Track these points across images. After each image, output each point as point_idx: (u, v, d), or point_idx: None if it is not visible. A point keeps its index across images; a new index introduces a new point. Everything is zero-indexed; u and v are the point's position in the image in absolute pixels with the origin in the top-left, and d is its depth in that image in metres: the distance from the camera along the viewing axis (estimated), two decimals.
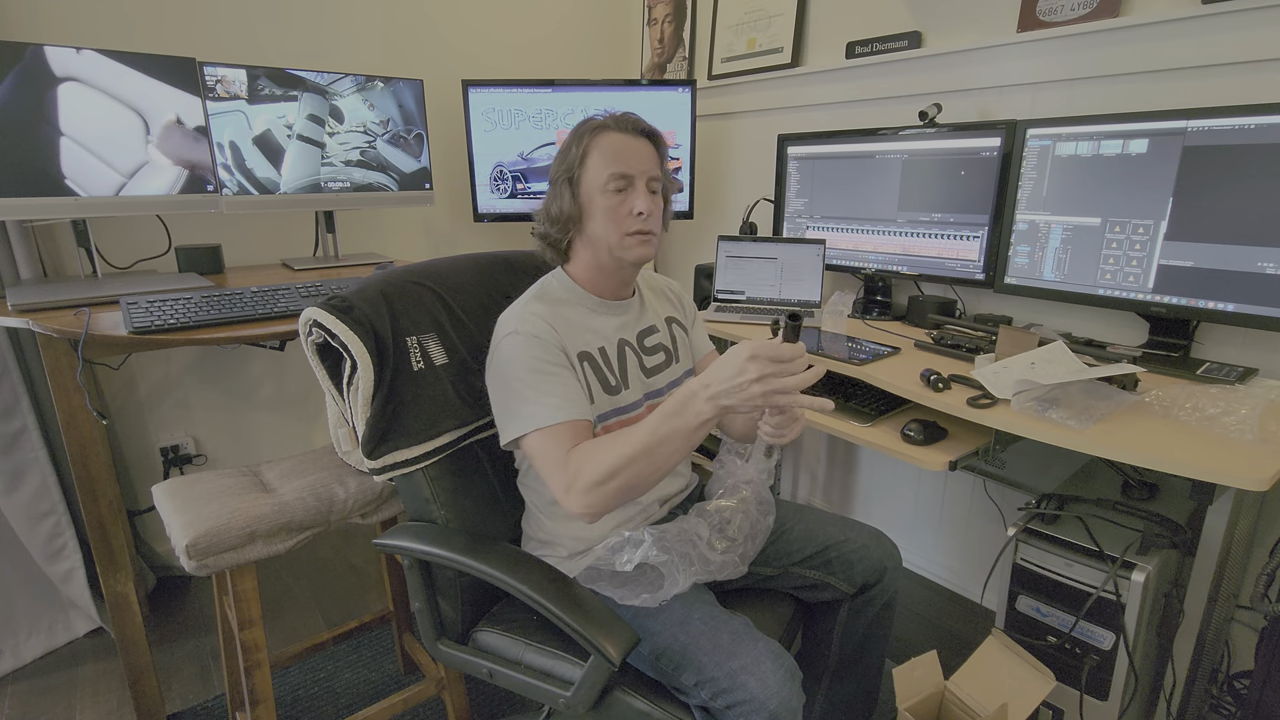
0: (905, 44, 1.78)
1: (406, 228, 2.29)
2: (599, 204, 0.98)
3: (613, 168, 0.97)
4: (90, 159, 1.51)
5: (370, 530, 1.29)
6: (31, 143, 1.44)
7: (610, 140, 0.99)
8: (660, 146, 1.03)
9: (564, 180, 1.00)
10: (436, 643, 1.05)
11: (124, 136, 1.55)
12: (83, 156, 1.50)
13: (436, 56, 2.23)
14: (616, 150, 0.98)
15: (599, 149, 0.99)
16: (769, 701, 0.83)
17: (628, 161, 0.98)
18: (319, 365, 1.01)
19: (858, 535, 1.13)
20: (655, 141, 1.03)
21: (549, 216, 1.03)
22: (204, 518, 1.09)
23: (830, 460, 2.25)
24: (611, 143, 0.99)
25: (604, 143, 0.99)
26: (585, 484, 0.87)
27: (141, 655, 1.42)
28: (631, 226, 0.98)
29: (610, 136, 0.99)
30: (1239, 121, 1.18)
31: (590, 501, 0.87)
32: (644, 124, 1.02)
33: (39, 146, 1.45)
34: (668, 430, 0.84)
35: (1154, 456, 0.96)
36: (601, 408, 1.01)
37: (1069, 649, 1.21)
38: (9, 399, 1.57)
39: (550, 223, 1.03)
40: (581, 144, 0.99)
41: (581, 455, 0.89)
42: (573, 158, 1.00)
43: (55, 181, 1.47)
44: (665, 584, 0.94)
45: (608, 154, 0.98)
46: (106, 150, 1.53)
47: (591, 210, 0.99)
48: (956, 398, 1.17)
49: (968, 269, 1.62)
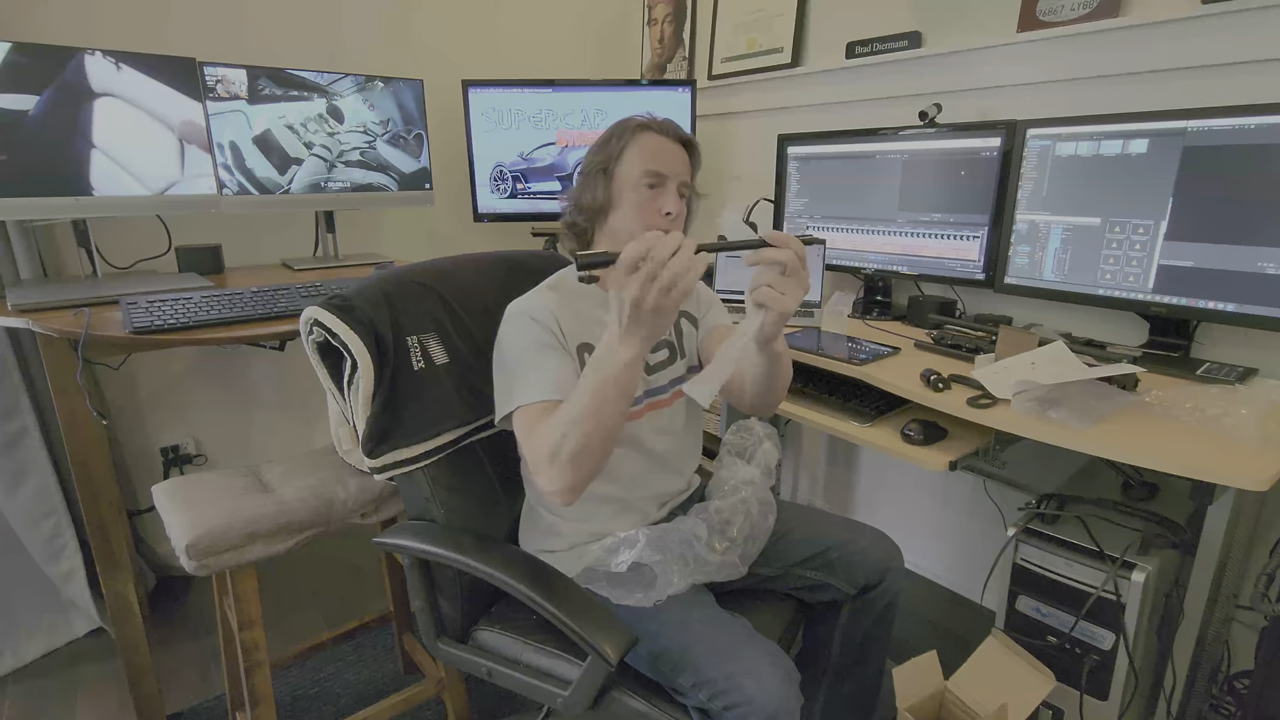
0: (905, 44, 1.78)
1: (406, 228, 2.29)
2: (629, 198, 1.01)
3: (649, 164, 1.00)
4: (120, 173, 1.53)
5: (370, 530, 1.29)
6: (65, 153, 1.46)
7: (650, 140, 1.02)
8: (694, 156, 1.07)
9: (599, 171, 1.03)
10: (436, 641, 1.05)
11: (158, 152, 1.58)
12: (113, 170, 1.52)
13: (436, 56, 2.23)
14: (655, 149, 1.01)
15: (639, 145, 1.02)
16: (767, 704, 0.83)
17: (664, 162, 1.01)
18: (320, 364, 1.01)
19: (860, 536, 1.13)
20: (690, 150, 1.06)
21: (579, 205, 1.06)
22: (204, 518, 1.09)
23: (830, 460, 2.25)
24: (651, 142, 1.02)
25: (644, 140, 1.02)
26: (544, 459, 0.86)
27: (141, 655, 1.42)
28: (658, 224, 1.00)
29: (651, 137, 1.02)
30: (1239, 121, 1.18)
31: (552, 477, 0.86)
32: (684, 132, 1.06)
33: (71, 158, 1.47)
34: (597, 380, 0.81)
35: (1154, 456, 0.96)
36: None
37: (1069, 649, 1.21)
38: (9, 399, 1.57)
39: (579, 211, 1.06)
40: (623, 140, 1.02)
41: (538, 431, 0.89)
42: (612, 149, 1.02)
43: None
44: (659, 584, 0.94)
45: (646, 151, 1.01)
46: (138, 165, 1.56)
47: (621, 202, 1.02)
48: (956, 398, 1.17)
49: (968, 269, 1.62)
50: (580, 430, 0.83)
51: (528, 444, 0.92)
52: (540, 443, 0.87)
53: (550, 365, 0.96)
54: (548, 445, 0.85)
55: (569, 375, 0.96)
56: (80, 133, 1.47)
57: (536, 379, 0.94)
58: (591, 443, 0.83)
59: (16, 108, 1.39)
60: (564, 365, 0.97)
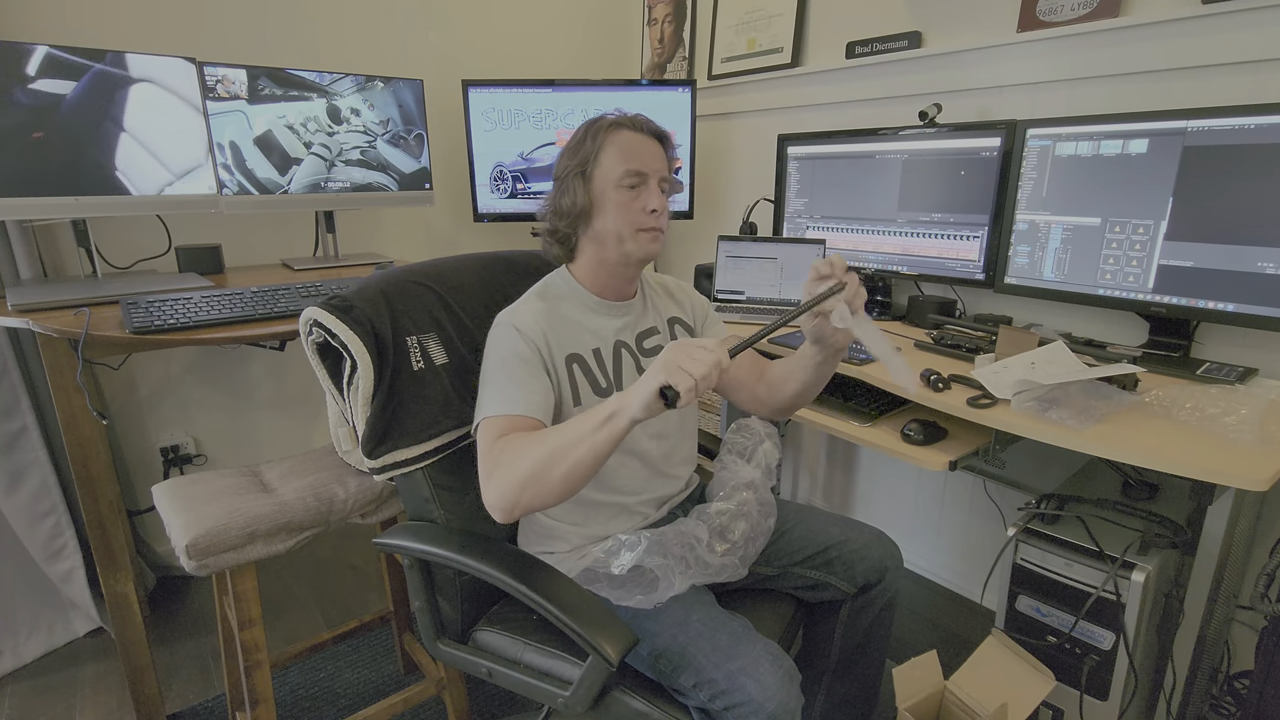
0: (905, 44, 1.78)
1: (406, 228, 2.29)
2: (612, 199, 0.99)
3: (628, 164, 0.99)
4: (144, 155, 1.56)
5: (370, 530, 1.29)
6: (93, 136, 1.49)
7: (625, 138, 1.00)
8: (669, 149, 1.05)
9: (576, 174, 1.01)
10: (436, 642, 1.05)
11: (184, 137, 1.61)
12: (138, 152, 1.54)
13: (436, 56, 2.23)
14: (632, 148, 1.00)
15: (615, 145, 1.00)
16: (767, 704, 0.83)
17: (643, 159, 0.99)
18: (319, 365, 1.01)
19: (859, 535, 1.13)
20: (665, 144, 1.04)
21: (558, 211, 1.04)
22: (204, 518, 1.09)
23: (830, 460, 2.25)
24: (627, 140, 1.00)
25: (619, 140, 1.00)
26: (499, 474, 0.86)
27: (141, 655, 1.42)
28: (645, 223, 1.00)
29: (625, 134, 1.01)
30: (1239, 121, 1.18)
31: (501, 492, 0.86)
32: (656, 125, 1.04)
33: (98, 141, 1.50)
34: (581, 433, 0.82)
35: (1154, 456, 0.96)
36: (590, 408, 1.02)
37: (1069, 649, 1.21)
38: (9, 399, 1.57)
39: (559, 217, 1.04)
40: (597, 140, 1.00)
41: (505, 443, 0.89)
42: (586, 151, 1.00)
43: (107, 175, 1.52)
44: (660, 586, 0.94)
45: (624, 150, 0.99)
46: (163, 148, 1.58)
47: (603, 205, 1.00)
48: (956, 398, 1.17)
49: (968, 269, 1.62)
50: (543, 466, 0.83)
51: (485, 452, 0.91)
52: (500, 455, 0.87)
53: (526, 381, 0.96)
54: (509, 460, 0.86)
55: (545, 394, 0.96)
56: (113, 117, 1.50)
57: (511, 394, 0.94)
58: (546, 481, 0.83)
59: (56, 91, 1.43)
60: (540, 383, 0.97)
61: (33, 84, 1.40)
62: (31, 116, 1.41)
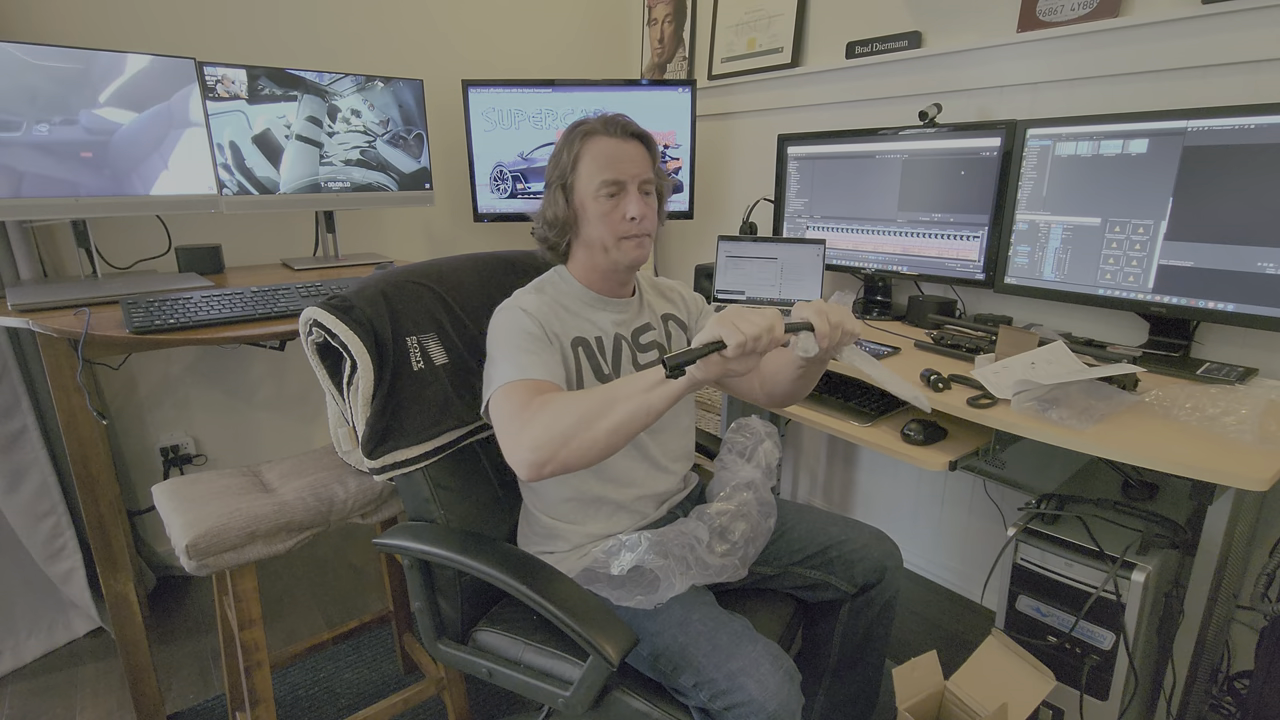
0: (905, 44, 1.78)
1: (406, 228, 2.29)
2: (592, 209, 1.00)
3: (604, 174, 0.98)
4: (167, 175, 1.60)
5: (370, 530, 1.29)
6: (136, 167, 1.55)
7: (600, 146, 1.00)
8: (651, 147, 1.04)
9: (558, 186, 1.02)
10: (436, 642, 1.05)
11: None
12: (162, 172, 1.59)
13: (436, 56, 2.23)
14: (607, 156, 0.99)
15: (590, 155, 1.00)
16: (767, 703, 0.83)
17: (618, 167, 0.99)
18: (319, 365, 1.01)
19: (858, 535, 1.13)
20: (646, 143, 1.04)
21: (546, 221, 1.05)
22: (204, 518, 1.09)
23: (830, 460, 2.25)
24: (602, 148, 1.00)
25: (594, 149, 1.00)
26: (537, 427, 0.85)
27: (141, 655, 1.42)
28: (625, 231, 1.00)
29: (600, 142, 1.00)
30: (1239, 121, 1.18)
31: (537, 444, 0.84)
32: (633, 126, 1.03)
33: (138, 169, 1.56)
34: (631, 395, 0.82)
35: (1154, 456, 0.96)
36: None
37: (1069, 649, 1.21)
38: (9, 399, 1.57)
39: (548, 227, 1.05)
40: (573, 150, 1.01)
41: (545, 400, 0.88)
42: (564, 163, 1.01)
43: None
44: (660, 587, 0.94)
45: (599, 160, 0.99)
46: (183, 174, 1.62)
47: (585, 215, 1.01)
48: (956, 398, 1.17)
49: (968, 269, 1.62)
50: (585, 422, 0.83)
51: (516, 411, 0.88)
52: (538, 410, 0.86)
53: (540, 353, 0.96)
54: (551, 415, 0.85)
55: (557, 366, 0.97)
56: (161, 154, 1.57)
57: (526, 361, 0.94)
58: (588, 437, 0.83)
59: (115, 120, 1.50)
60: (553, 355, 0.98)
61: (99, 109, 1.46)
62: (86, 137, 1.46)
